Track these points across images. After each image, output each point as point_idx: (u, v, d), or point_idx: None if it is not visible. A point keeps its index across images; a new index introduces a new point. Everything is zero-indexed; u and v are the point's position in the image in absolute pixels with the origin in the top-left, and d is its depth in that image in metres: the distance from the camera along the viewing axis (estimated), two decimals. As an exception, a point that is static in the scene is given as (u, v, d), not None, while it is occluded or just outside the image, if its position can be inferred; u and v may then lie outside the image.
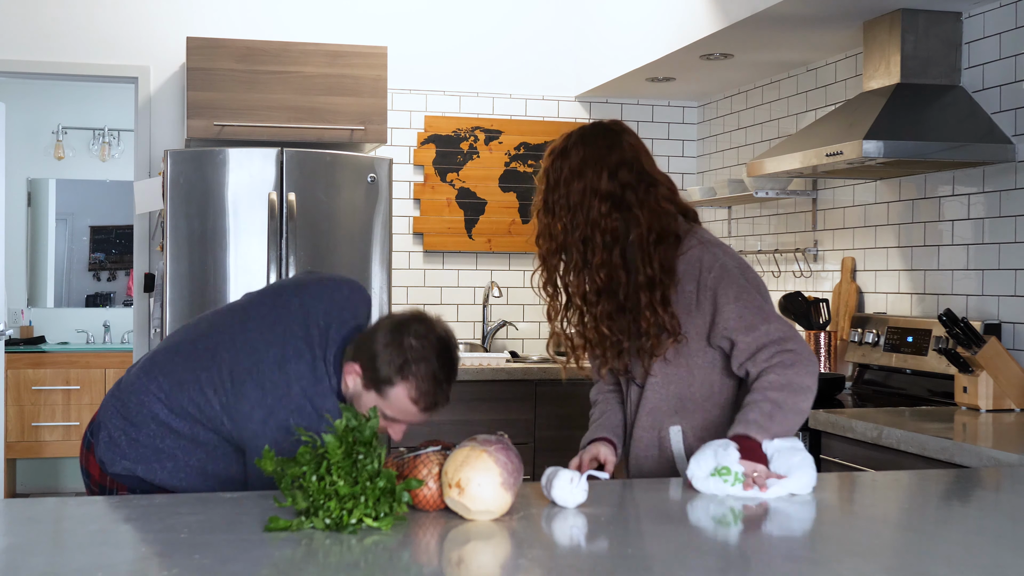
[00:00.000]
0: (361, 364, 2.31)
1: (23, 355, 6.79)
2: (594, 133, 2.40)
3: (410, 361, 2.28)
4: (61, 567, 1.56)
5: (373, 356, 2.29)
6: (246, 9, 5.31)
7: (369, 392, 2.31)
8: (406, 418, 2.33)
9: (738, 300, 2.29)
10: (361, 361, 2.32)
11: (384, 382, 2.28)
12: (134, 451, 2.40)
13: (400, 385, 2.28)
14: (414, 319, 2.35)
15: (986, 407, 3.40)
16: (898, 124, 3.64)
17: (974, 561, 1.64)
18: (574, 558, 1.65)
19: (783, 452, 2.08)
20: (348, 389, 2.34)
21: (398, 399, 2.29)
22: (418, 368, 2.28)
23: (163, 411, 2.39)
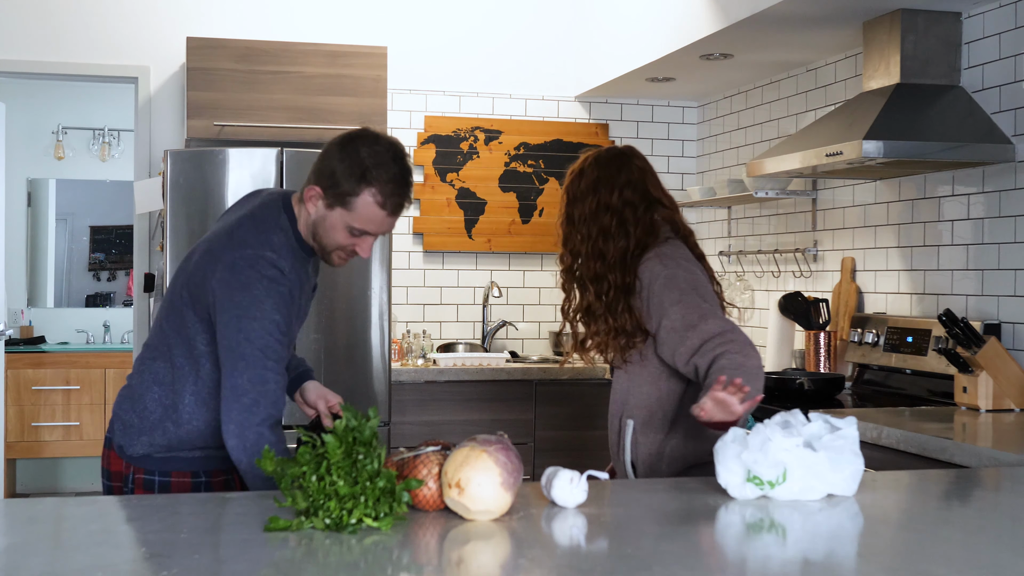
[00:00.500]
0: (320, 185, 2.39)
1: (23, 355, 6.79)
2: (608, 156, 2.71)
3: (369, 167, 2.35)
4: (61, 567, 1.56)
5: (331, 173, 2.37)
6: (246, 9, 5.31)
7: (334, 210, 2.39)
8: (375, 227, 2.40)
9: (680, 303, 2.52)
10: (320, 183, 2.39)
11: (348, 194, 2.36)
12: (146, 422, 2.46)
13: (365, 192, 2.36)
14: (359, 134, 2.43)
15: (986, 407, 3.40)
16: (898, 124, 3.64)
17: (974, 561, 1.64)
18: (574, 558, 1.65)
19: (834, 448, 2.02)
20: (312, 216, 2.42)
21: (365, 207, 2.36)
22: (379, 172, 2.35)
23: (162, 368, 2.47)
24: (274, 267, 2.37)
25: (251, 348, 2.32)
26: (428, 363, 5.06)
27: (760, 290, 5.23)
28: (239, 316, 2.33)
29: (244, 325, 2.32)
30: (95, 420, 6.84)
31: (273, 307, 2.34)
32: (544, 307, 5.71)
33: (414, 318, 5.51)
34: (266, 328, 2.33)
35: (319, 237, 2.45)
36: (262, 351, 2.32)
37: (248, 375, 2.31)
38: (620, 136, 5.78)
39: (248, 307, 2.33)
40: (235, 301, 2.34)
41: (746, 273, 5.34)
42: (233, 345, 2.32)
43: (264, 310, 2.33)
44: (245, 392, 2.31)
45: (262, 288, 2.34)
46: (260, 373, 2.32)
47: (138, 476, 2.47)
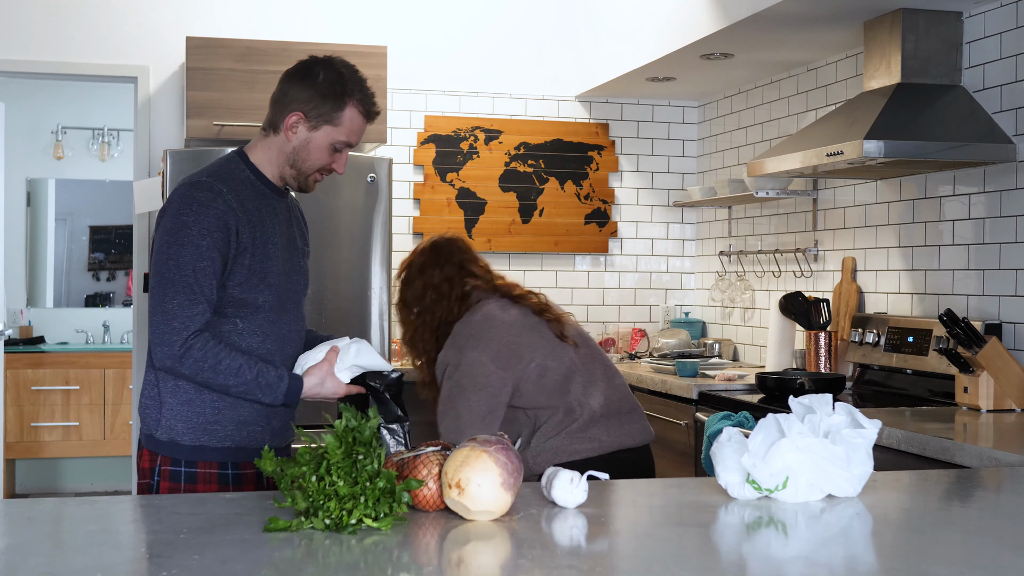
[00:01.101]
0: (301, 110, 2.49)
1: (22, 355, 6.79)
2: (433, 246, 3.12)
3: (347, 82, 2.51)
4: (60, 567, 1.55)
5: (309, 97, 2.49)
6: (246, 9, 5.31)
7: (319, 130, 2.50)
8: (356, 138, 2.55)
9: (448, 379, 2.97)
10: (299, 108, 2.50)
11: (334, 110, 2.50)
12: (170, 393, 2.48)
13: (350, 104, 2.50)
14: (310, 61, 2.57)
15: (987, 407, 3.40)
16: (899, 124, 3.63)
17: (974, 561, 1.64)
18: (574, 558, 1.65)
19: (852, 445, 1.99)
20: (292, 143, 2.52)
21: (351, 119, 2.51)
22: (353, 85, 2.52)
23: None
24: (208, 190, 2.43)
25: (180, 274, 2.38)
26: (428, 363, 5.05)
27: (760, 290, 5.23)
28: (168, 243, 2.40)
29: (173, 252, 2.39)
30: (94, 420, 6.84)
31: (201, 232, 2.39)
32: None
33: (414, 318, 5.50)
34: (195, 254, 2.38)
35: (300, 162, 2.54)
36: (192, 276, 2.38)
37: (178, 300, 2.37)
38: (620, 136, 5.78)
39: (176, 232, 2.40)
40: (165, 227, 2.42)
41: (746, 273, 5.34)
42: (163, 271, 2.39)
43: (191, 235, 2.39)
44: (175, 316, 2.37)
45: (191, 213, 2.40)
46: (190, 296, 2.38)
47: (164, 468, 2.49)
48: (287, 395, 2.47)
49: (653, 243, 5.84)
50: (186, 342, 2.37)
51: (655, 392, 4.58)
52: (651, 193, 5.84)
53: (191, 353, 2.37)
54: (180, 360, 2.38)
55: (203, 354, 2.38)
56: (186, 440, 2.47)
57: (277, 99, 2.57)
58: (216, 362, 2.39)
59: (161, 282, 2.39)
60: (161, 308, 2.38)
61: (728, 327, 5.51)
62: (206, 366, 2.39)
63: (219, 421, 2.48)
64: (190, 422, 2.47)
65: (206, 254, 2.39)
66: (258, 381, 2.43)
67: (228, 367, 2.40)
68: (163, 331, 2.38)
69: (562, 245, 5.67)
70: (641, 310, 5.83)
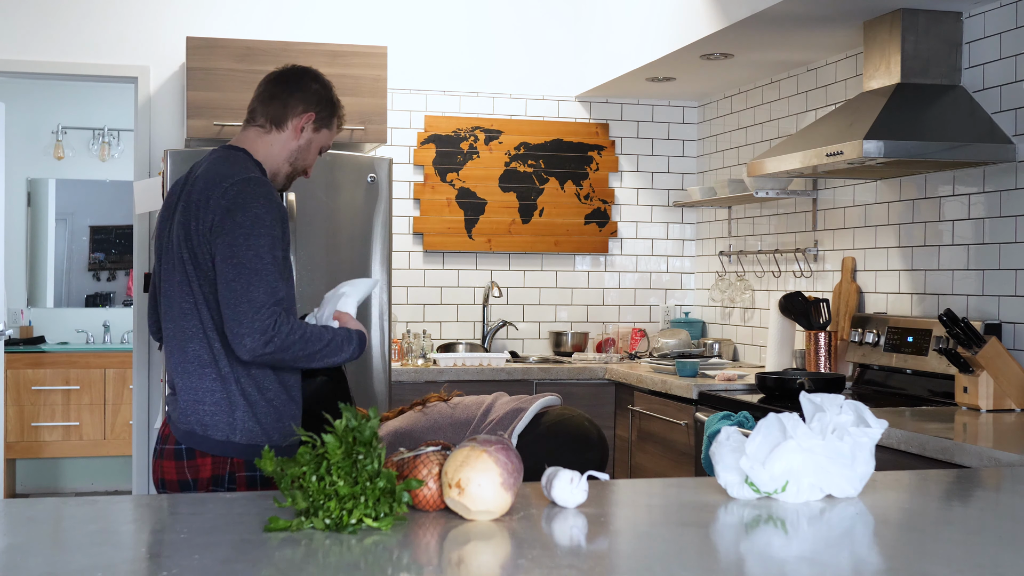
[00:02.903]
0: (314, 111, 2.64)
1: (23, 355, 6.79)
2: None
3: (333, 90, 2.70)
4: (61, 567, 1.55)
5: (317, 100, 2.64)
6: (246, 9, 5.31)
7: (319, 132, 2.66)
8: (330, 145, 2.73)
9: None
10: (311, 109, 2.64)
11: (331, 115, 2.67)
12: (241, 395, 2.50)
13: (337, 114, 2.70)
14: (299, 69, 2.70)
15: (986, 407, 3.40)
16: (898, 124, 3.63)
17: (974, 561, 1.64)
18: (574, 558, 1.65)
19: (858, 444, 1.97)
20: (298, 142, 2.63)
21: (336, 127, 2.70)
22: (337, 97, 2.71)
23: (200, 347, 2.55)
24: (264, 184, 2.50)
25: (262, 263, 2.41)
26: (428, 363, 5.06)
27: (760, 290, 5.23)
28: (246, 234, 2.42)
29: (253, 242, 2.42)
30: (95, 420, 6.84)
31: (272, 222, 2.45)
32: (544, 307, 5.70)
33: (414, 318, 5.51)
34: (272, 243, 2.43)
35: (298, 161, 2.66)
36: (273, 264, 2.42)
37: (263, 288, 2.40)
38: (620, 136, 5.78)
39: (252, 224, 2.43)
40: (237, 221, 2.43)
41: (746, 273, 5.34)
42: (245, 262, 2.40)
43: (266, 225, 2.44)
44: (264, 304, 2.39)
45: (260, 205, 2.45)
46: (273, 284, 2.41)
47: (240, 475, 2.51)
48: (359, 345, 2.55)
49: (653, 243, 5.84)
50: (275, 326, 2.40)
51: (655, 392, 4.58)
52: (651, 193, 5.84)
53: (280, 332, 2.40)
54: (271, 342, 2.39)
55: (290, 328, 2.42)
56: (263, 440, 2.51)
57: (273, 97, 2.62)
58: (302, 333, 2.44)
59: (243, 272, 2.40)
60: (247, 298, 2.39)
61: (728, 327, 5.51)
62: (296, 339, 2.42)
63: (281, 419, 2.54)
64: (264, 420, 2.51)
65: (279, 243, 2.46)
66: (336, 339, 2.50)
67: (311, 333, 2.46)
68: (251, 320, 2.39)
69: (562, 245, 5.68)
70: (641, 310, 5.83)
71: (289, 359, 2.45)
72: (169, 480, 2.54)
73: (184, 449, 2.52)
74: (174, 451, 2.53)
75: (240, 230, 2.42)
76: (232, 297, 2.41)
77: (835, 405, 2.03)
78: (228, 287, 2.42)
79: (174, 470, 2.53)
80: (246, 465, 2.50)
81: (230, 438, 2.49)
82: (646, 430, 4.67)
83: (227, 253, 2.42)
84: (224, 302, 2.42)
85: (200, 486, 2.50)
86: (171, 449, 2.54)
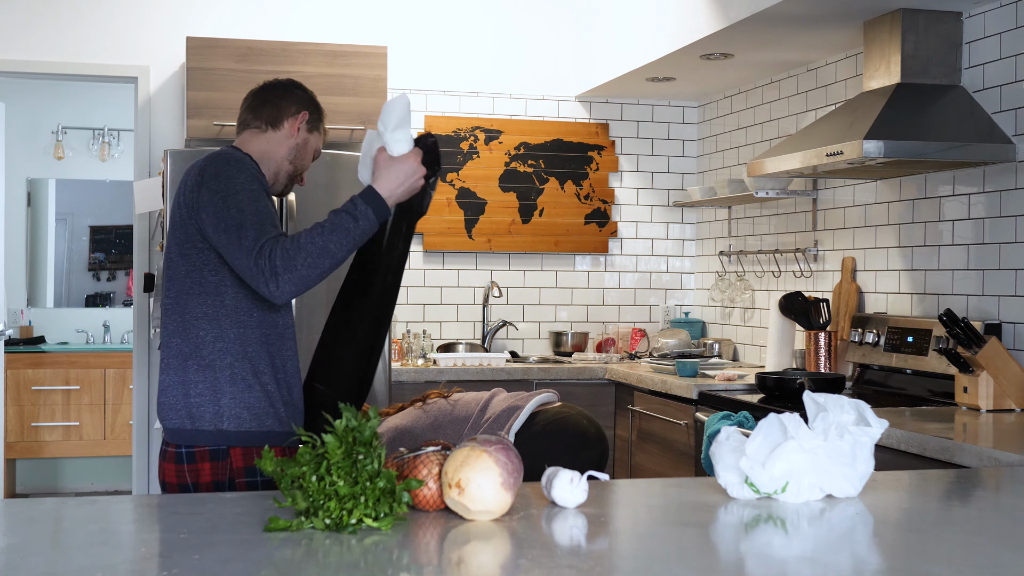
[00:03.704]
0: (307, 110, 2.66)
1: (23, 355, 6.79)
2: None
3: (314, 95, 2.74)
4: (61, 567, 1.56)
5: (308, 102, 2.68)
6: (246, 9, 5.31)
7: (311, 134, 2.69)
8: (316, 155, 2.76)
9: None
10: (305, 108, 2.66)
11: (319, 120, 2.71)
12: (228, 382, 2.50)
13: (324, 121, 2.74)
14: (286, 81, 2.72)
15: (986, 407, 3.40)
16: (898, 124, 3.64)
17: (974, 561, 1.64)
18: (574, 558, 1.65)
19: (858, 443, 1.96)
20: (295, 140, 2.64)
21: (324, 135, 2.74)
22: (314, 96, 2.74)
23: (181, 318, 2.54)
24: (234, 156, 2.52)
25: (244, 217, 2.41)
26: (428, 363, 5.06)
27: (760, 290, 5.23)
28: (224, 196, 2.43)
29: (231, 200, 2.42)
30: (95, 420, 6.84)
31: (248, 180, 2.46)
32: (544, 307, 5.71)
33: (414, 318, 5.51)
34: (251, 196, 2.43)
35: (298, 159, 2.67)
36: (255, 212, 2.41)
37: (253, 234, 2.38)
38: (620, 136, 5.78)
39: (226, 186, 2.44)
40: (213, 189, 2.45)
41: (746, 273, 5.35)
42: (229, 220, 2.41)
43: (241, 183, 2.45)
44: (257, 244, 2.37)
45: (232, 169, 2.47)
46: (260, 228, 2.39)
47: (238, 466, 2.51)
48: (375, 207, 2.43)
49: (653, 243, 5.84)
50: (271, 256, 2.35)
51: (655, 392, 4.58)
52: (651, 193, 5.84)
53: (276, 253, 2.35)
54: (277, 275, 2.35)
55: (282, 250, 2.35)
56: (254, 426, 2.49)
57: (264, 102, 2.65)
58: (295, 242, 2.36)
59: (229, 228, 2.40)
60: (240, 248, 2.38)
61: (728, 327, 5.51)
62: (294, 252, 2.34)
63: (273, 404, 2.52)
64: (252, 408, 2.50)
65: (259, 196, 2.45)
66: (336, 221, 2.40)
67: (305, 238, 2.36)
68: (252, 268, 2.36)
69: (562, 245, 5.68)
70: (641, 310, 5.83)
71: (308, 270, 2.36)
72: (169, 483, 2.53)
73: (184, 453, 2.51)
74: (174, 454, 2.52)
75: (217, 196, 2.43)
76: (233, 258, 2.41)
77: (838, 405, 2.02)
78: (227, 251, 2.42)
79: (174, 473, 2.52)
80: (246, 471, 2.49)
81: (218, 426, 2.48)
82: (646, 430, 4.67)
83: (213, 221, 2.42)
84: (234, 267, 2.42)
85: (200, 491, 2.49)
86: (172, 452, 2.53)
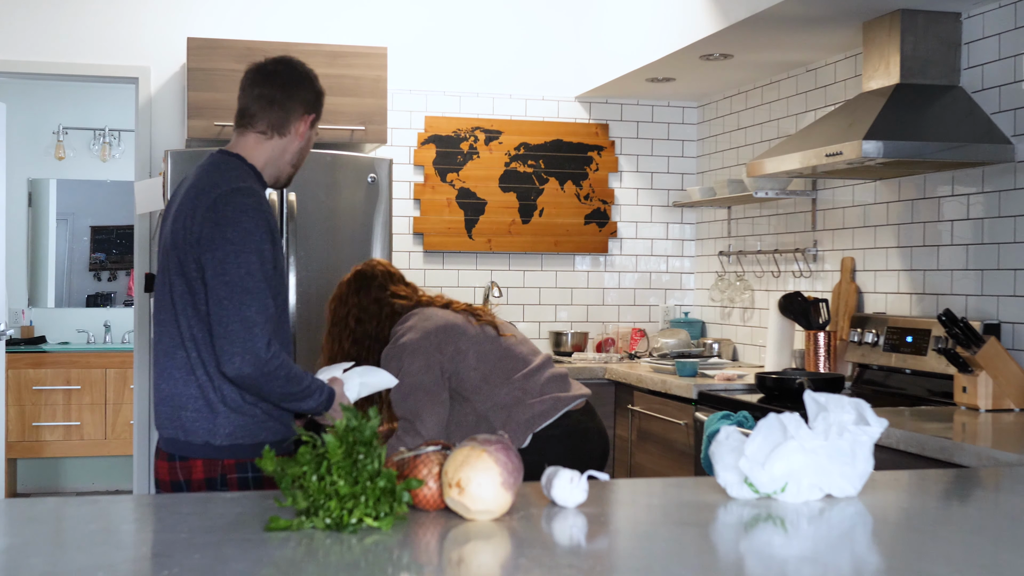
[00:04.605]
0: (315, 112, 2.65)
1: (24, 355, 6.79)
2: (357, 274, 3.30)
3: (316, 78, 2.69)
4: (61, 567, 1.56)
5: (315, 97, 2.65)
6: (246, 10, 5.31)
7: (313, 127, 2.67)
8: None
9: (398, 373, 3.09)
10: (313, 110, 2.64)
11: (321, 108, 2.68)
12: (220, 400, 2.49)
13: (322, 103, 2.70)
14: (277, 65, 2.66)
15: (985, 407, 3.40)
16: (897, 124, 3.64)
17: (974, 561, 1.64)
18: (574, 558, 1.65)
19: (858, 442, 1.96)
20: (301, 143, 2.63)
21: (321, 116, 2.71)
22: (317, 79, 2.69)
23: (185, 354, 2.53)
24: (253, 195, 2.46)
25: (253, 281, 2.38)
26: (428, 363, 5.06)
27: (760, 290, 5.24)
28: (236, 252, 2.39)
29: (243, 259, 2.39)
30: (96, 420, 6.85)
31: (262, 238, 2.43)
32: (544, 307, 5.71)
33: (414, 318, 5.51)
34: (262, 259, 2.41)
35: (300, 160, 2.66)
36: (264, 281, 2.40)
37: (255, 306, 2.37)
38: (620, 136, 5.78)
39: (242, 241, 2.40)
40: (227, 237, 2.40)
41: (746, 273, 5.35)
42: (236, 280, 2.38)
43: (256, 241, 2.41)
44: (256, 323, 2.36)
45: (249, 220, 2.42)
46: (264, 302, 2.39)
47: (231, 477, 2.49)
48: (328, 401, 2.51)
49: (653, 243, 5.85)
50: (269, 348, 2.36)
51: (655, 392, 4.58)
52: (651, 193, 5.84)
53: (273, 361, 2.36)
54: (264, 367, 2.36)
55: (281, 361, 2.38)
56: (247, 440, 2.49)
57: (272, 102, 2.59)
58: (288, 368, 2.41)
59: (234, 291, 2.37)
60: (239, 316, 2.36)
61: (727, 327, 5.51)
62: (282, 374, 2.39)
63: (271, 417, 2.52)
64: (246, 426, 2.49)
65: (268, 258, 2.42)
66: (311, 387, 2.46)
67: (296, 373, 2.43)
68: (244, 339, 2.35)
69: (562, 245, 5.68)
70: (641, 310, 5.83)
71: (266, 391, 2.42)
72: (162, 480, 2.54)
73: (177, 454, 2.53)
74: (167, 452, 2.54)
75: (230, 246, 2.39)
76: (224, 315, 2.38)
77: (839, 405, 2.02)
78: (220, 305, 2.38)
79: (166, 471, 2.53)
80: (237, 467, 2.49)
81: (210, 441, 2.48)
82: (646, 430, 4.68)
83: (218, 270, 2.39)
84: (216, 319, 2.39)
85: (192, 487, 2.50)
86: (165, 451, 2.54)
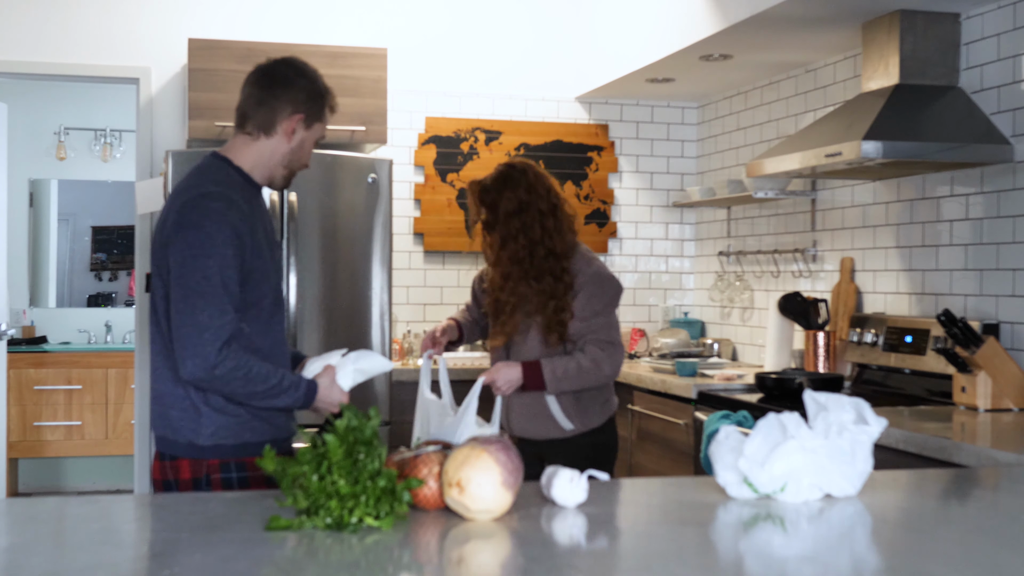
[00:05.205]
0: (301, 111, 2.57)
1: (25, 355, 6.80)
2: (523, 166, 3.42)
3: (319, 77, 2.63)
4: (62, 566, 1.56)
5: (305, 98, 2.58)
6: (247, 10, 5.32)
7: (311, 128, 2.60)
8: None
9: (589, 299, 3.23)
10: (300, 110, 2.57)
11: (322, 107, 2.61)
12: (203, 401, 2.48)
13: (328, 102, 2.63)
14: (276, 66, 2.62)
15: (984, 407, 3.41)
16: (897, 125, 3.64)
17: (973, 561, 1.65)
18: (574, 558, 1.66)
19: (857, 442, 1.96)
20: (291, 144, 2.58)
21: (328, 115, 2.65)
22: (324, 83, 2.63)
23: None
24: (220, 199, 2.44)
25: (209, 285, 2.37)
26: (429, 363, 5.06)
27: (759, 290, 5.24)
28: (194, 256, 2.39)
29: (200, 263, 2.38)
30: (97, 420, 6.85)
31: (224, 241, 2.40)
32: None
33: (415, 318, 5.52)
34: (221, 264, 2.39)
35: (294, 162, 2.61)
36: (222, 286, 2.39)
37: (208, 311, 2.37)
38: (620, 136, 5.79)
39: (201, 245, 2.39)
40: (188, 241, 2.40)
41: (745, 273, 5.35)
42: (191, 284, 2.38)
43: (217, 245, 2.39)
44: (207, 327, 2.36)
45: (212, 224, 2.40)
46: (219, 306, 2.38)
47: (215, 477, 2.49)
48: (305, 397, 2.49)
49: (652, 243, 5.85)
50: (220, 352, 2.36)
51: (654, 392, 4.59)
52: (650, 194, 5.85)
53: (225, 363, 2.37)
54: (214, 371, 2.36)
55: (236, 363, 2.38)
56: (230, 440, 2.49)
57: (260, 103, 2.58)
58: (248, 369, 2.40)
59: (189, 294, 2.37)
60: (192, 321, 2.36)
61: (727, 327, 5.52)
62: (239, 375, 2.39)
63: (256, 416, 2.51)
64: (230, 427, 2.49)
65: (231, 263, 2.40)
66: (282, 384, 2.45)
67: (258, 373, 2.41)
68: (195, 343, 2.36)
69: (562, 245, 5.68)
70: (640, 310, 5.84)
71: (227, 392, 2.43)
72: (155, 479, 2.57)
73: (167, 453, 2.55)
74: (159, 452, 2.56)
75: (189, 250, 2.39)
76: (178, 319, 2.39)
77: (839, 404, 2.03)
78: (175, 307, 2.40)
79: (158, 470, 2.56)
80: (221, 467, 2.50)
81: (194, 441, 2.48)
82: (646, 430, 4.68)
83: (177, 272, 2.40)
84: (172, 323, 2.40)
85: (180, 487, 2.51)
86: (158, 449, 2.57)
